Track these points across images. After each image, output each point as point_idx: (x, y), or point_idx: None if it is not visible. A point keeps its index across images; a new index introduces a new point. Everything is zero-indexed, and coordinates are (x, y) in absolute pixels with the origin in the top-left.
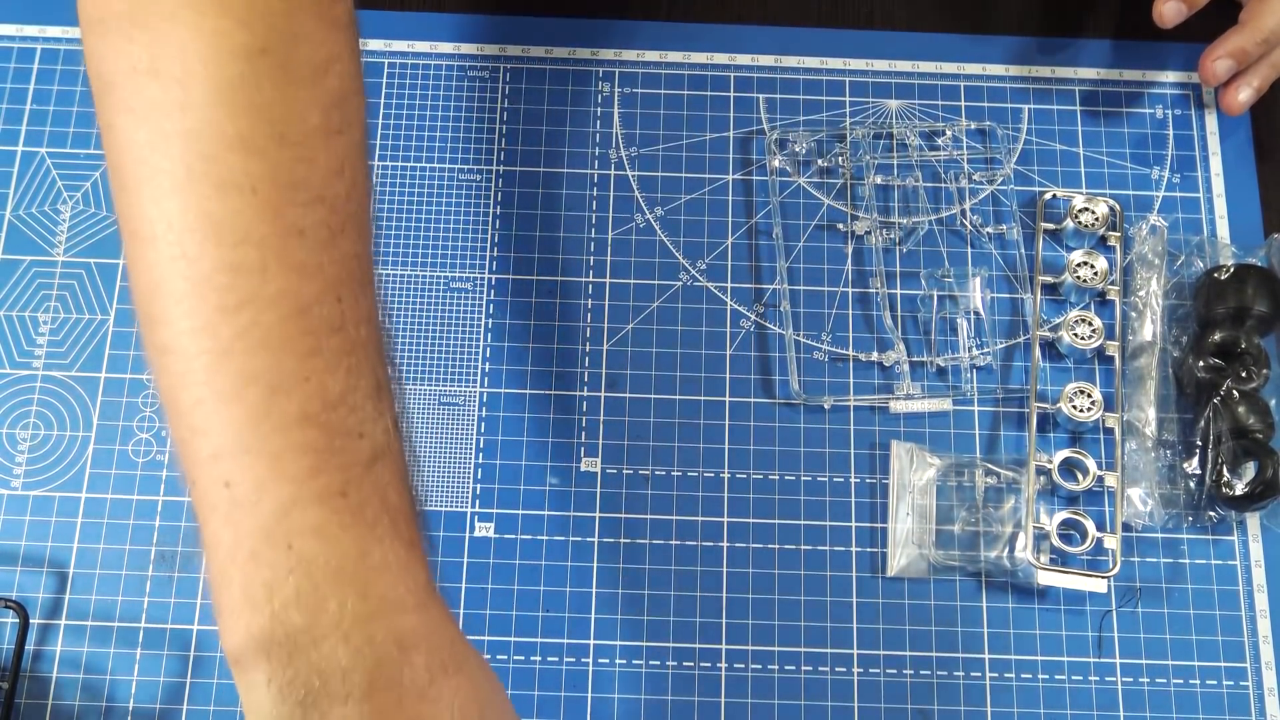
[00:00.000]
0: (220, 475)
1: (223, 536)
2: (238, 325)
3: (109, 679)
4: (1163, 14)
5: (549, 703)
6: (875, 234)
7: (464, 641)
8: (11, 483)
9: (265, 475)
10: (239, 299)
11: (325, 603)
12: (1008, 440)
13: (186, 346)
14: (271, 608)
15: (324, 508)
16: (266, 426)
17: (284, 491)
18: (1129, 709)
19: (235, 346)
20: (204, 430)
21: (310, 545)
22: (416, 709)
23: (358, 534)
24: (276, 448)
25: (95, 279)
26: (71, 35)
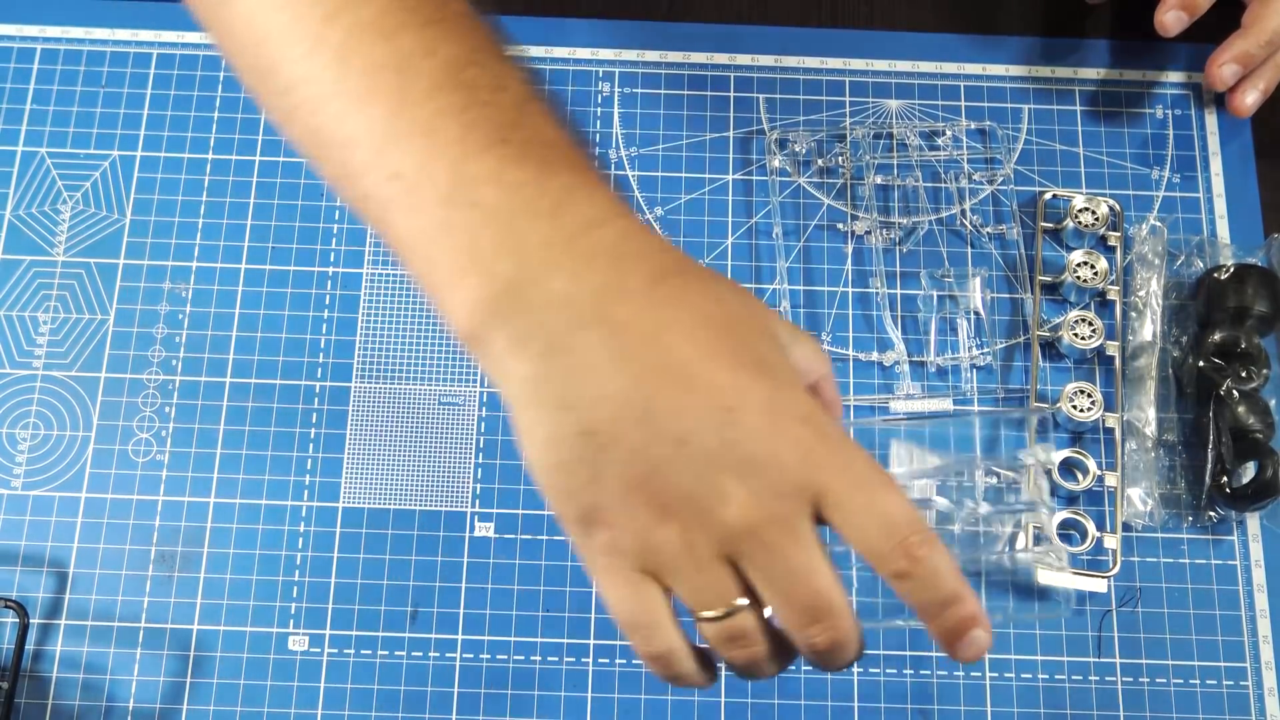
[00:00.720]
0: (386, 171)
1: (411, 225)
2: (344, 26)
3: (109, 679)
4: (1164, 22)
5: (549, 703)
6: (875, 234)
7: (675, 248)
8: (11, 483)
9: (426, 150)
10: (336, 3)
11: (525, 240)
12: (1008, 440)
13: (307, 71)
14: (480, 265)
15: (491, 157)
16: (409, 106)
17: (449, 155)
18: (1129, 709)
19: (349, 45)
20: (355, 138)
21: (491, 194)
22: (654, 314)
23: (531, 171)
24: (425, 122)
25: (95, 279)
26: (71, 35)
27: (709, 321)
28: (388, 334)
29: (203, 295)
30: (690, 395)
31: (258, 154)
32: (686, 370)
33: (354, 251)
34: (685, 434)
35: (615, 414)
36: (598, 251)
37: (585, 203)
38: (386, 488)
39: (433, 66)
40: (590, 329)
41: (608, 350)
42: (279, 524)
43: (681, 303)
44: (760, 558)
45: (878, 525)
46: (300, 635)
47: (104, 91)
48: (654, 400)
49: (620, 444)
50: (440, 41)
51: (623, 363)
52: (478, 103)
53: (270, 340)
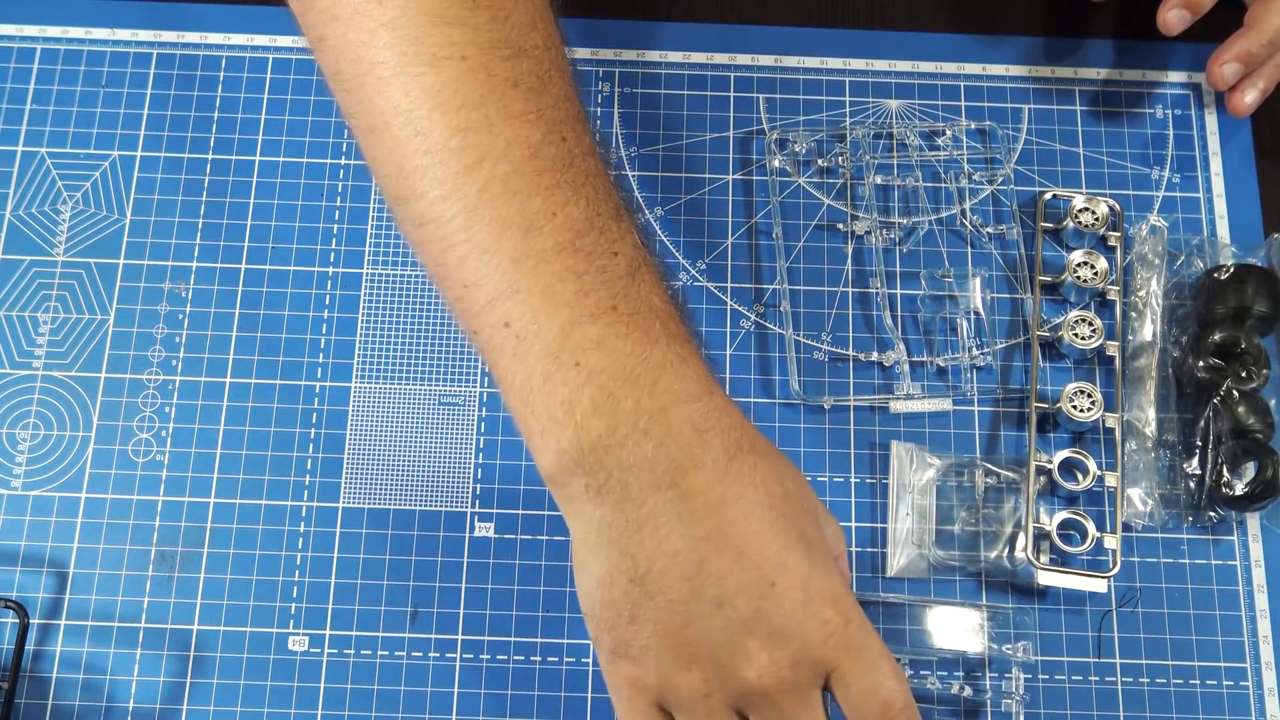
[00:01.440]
0: (499, 318)
1: (516, 371)
2: (480, 180)
3: (109, 679)
4: (1167, 21)
5: (549, 702)
6: (875, 234)
7: (750, 425)
8: (11, 483)
9: (539, 306)
10: (475, 157)
11: (620, 405)
12: (1008, 440)
13: (441, 213)
14: (574, 420)
15: (599, 323)
16: (529, 264)
17: (560, 316)
18: (1129, 709)
19: (482, 200)
20: (475, 282)
21: (595, 358)
22: (722, 486)
23: (635, 340)
24: (544, 280)
25: (95, 279)
26: (71, 35)
27: (769, 499)
28: (388, 334)
29: (203, 295)
30: (738, 564)
31: (258, 154)
32: (741, 542)
33: (354, 251)
34: (725, 597)
35: (666, 568)
36: (684, 424)
37: (680, 377)
38: (386, 488)
39: (555, 228)
40: (664, 491)
41: (676, 512)
42: (279, 524)
43: (749, 479)
44: (768, 714)
45: (877, 708)
46: (300, 635)
47: (104, 91)
48: (705, 563)
49: (665, 594)
50: (565, 204)
51: (685, 525)
52: (594, 269)
53: (270, 340)
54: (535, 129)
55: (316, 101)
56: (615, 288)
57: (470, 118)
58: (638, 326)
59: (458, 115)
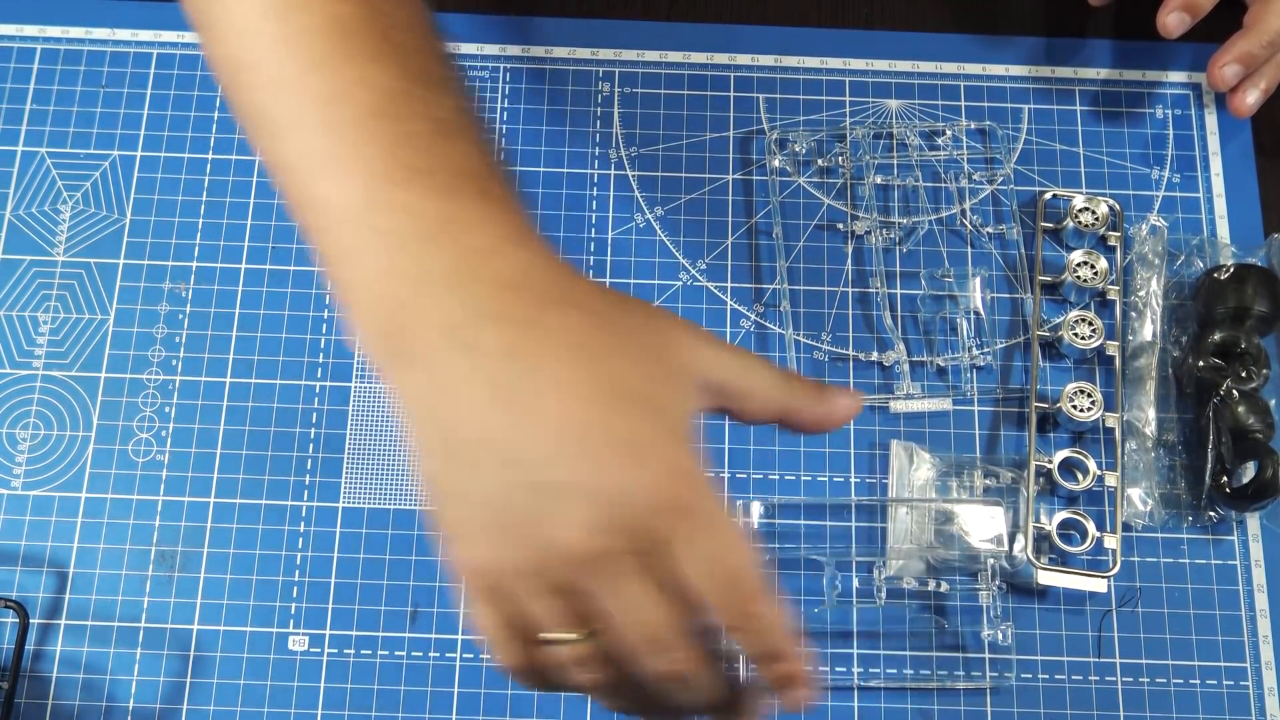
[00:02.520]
0: (311, 193)
1: (327, 244)
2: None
3: (109, 679)
4: (1166, 24)
5: (549, 702)
6: (875, 234)
7: (577, 278)
8: (11, 483)
9: (345, 176)
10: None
11: (422, 266)
12: (1008, 440)
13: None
14: (377, 285)
15: (404, 187)
16: (335, 133)
17: (364, 183)
18: (1129, 709)
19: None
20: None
21: (400, 221)
22: (528, 340)
23: (441, 200)
24: (349, 148)
25: (95, 279)
26: (71, 35)
27: (580, 351)
28: None
29: (203, 295)
30: (536, 421)
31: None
32: (538, 399)
33: None
34: (526, 460)
35: (468, 432)
36: (490, 279)
37: (489, 234)
38: (386, 488)
39: (364, 96)
40: (466, 350)
41: (477, 371)
42: (279, 524)
43: (561, 333)
44: (592, 588)
45: (719, 578)
46: (300, 635)
47: (104, 91)
48: (509, 424)
49: (471, 462)
50: (376, 73)
51: (486, 385)
52: (401, 133)
53: (270, 340)
54: (347, 4)
55: None
56: (424, 151)
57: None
58: (445, 187)
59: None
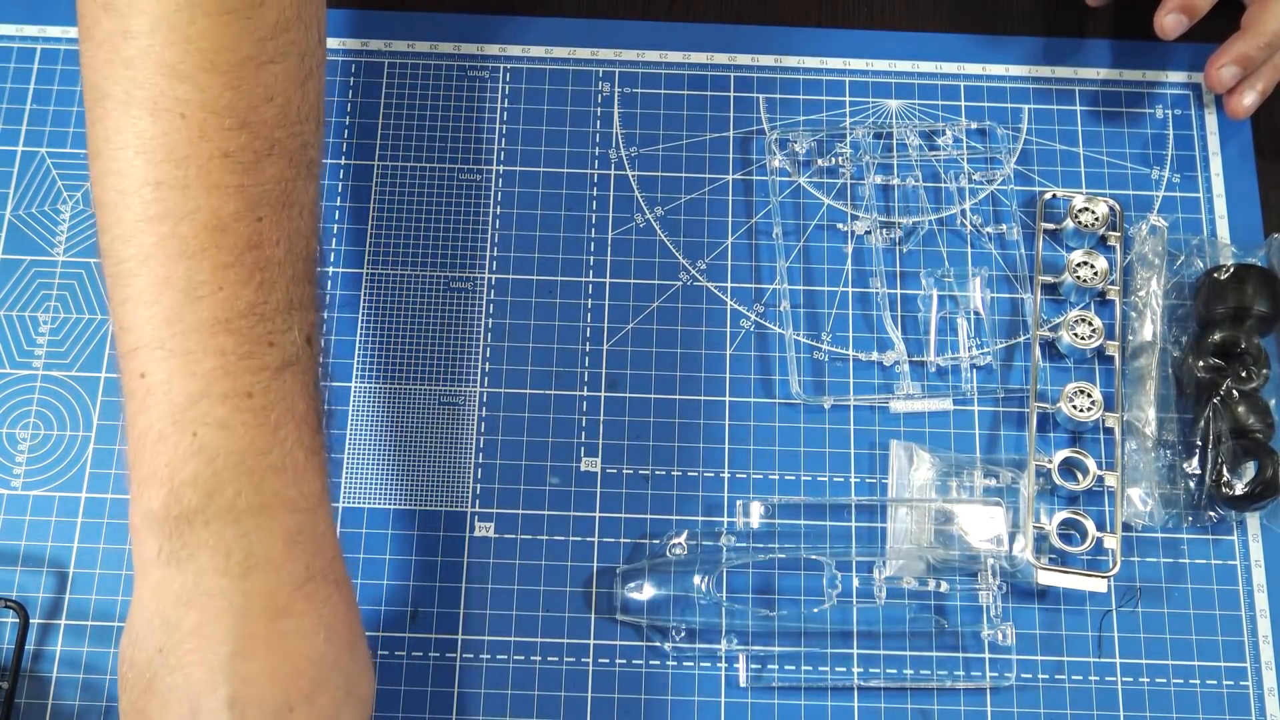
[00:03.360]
0: (138, 367)
1: (137, 421)
2: (158, 234)
3: (109, 679)
4: (1164, 25)
5: (549, 702)
6: (875, 234)
7: (341, 560)
8: (11, 483)
9: (176, 370)
10: (160, 211)
11: (222, 488)
12: (1008, 440)
13: (117, 252)
14: (170, 485)
15: (229, 405)
16: (180, 327)
17: (192, 385)
18: (1129, 709)
19: (155, 254)
20: (127, 327)
21: (214, 436)
22: (288, 600)
23: (260, 433)
24: (188, 347)
25: (95, 279)
26: (71, 35)
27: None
28: (388, 334)
29: None
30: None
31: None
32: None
33: (354, 251)
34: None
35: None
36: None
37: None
38: (386, 488)
39: (216, 302)
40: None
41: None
42: None
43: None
44: None
45: None
46: None
47: None
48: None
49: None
50: (235, 283)
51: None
52: (241, 352)
53: None
54: (231, 202)
55: None
56: (258, 377)
57: (169, 173)
58: (267, 422)
59: (158, 168)
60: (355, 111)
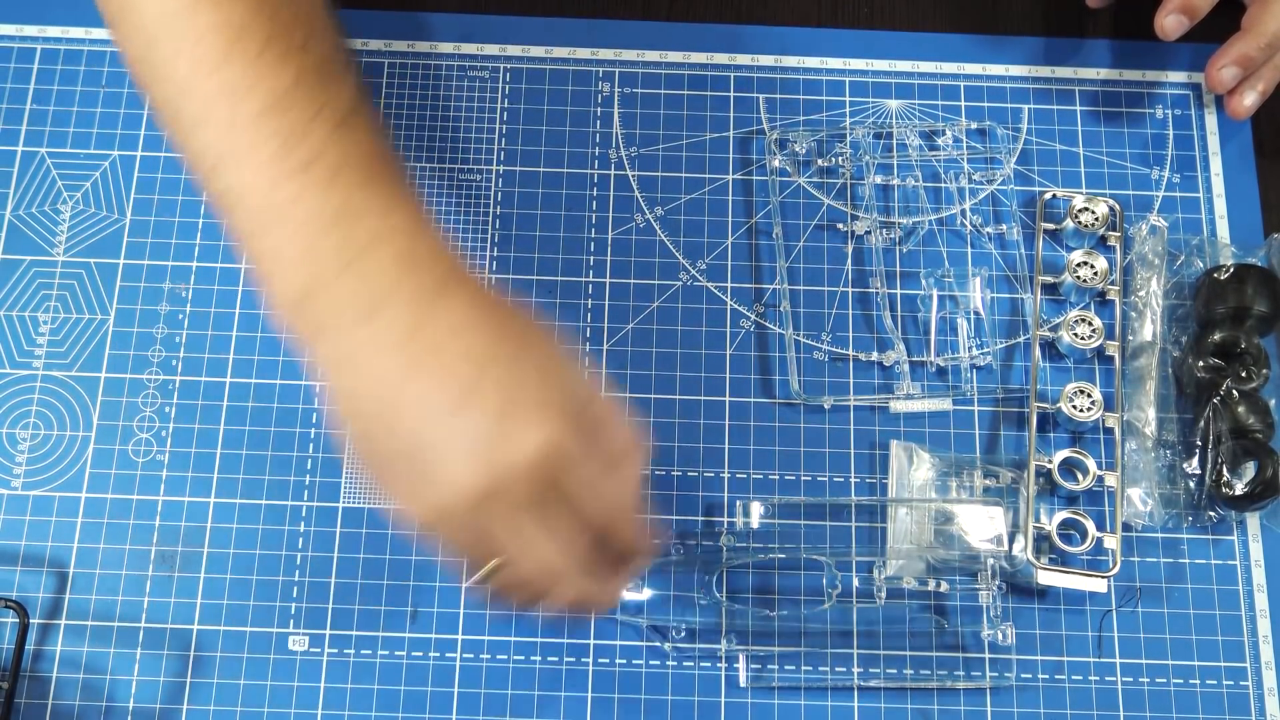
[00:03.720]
0: (219, 184)
1: (237, 231)
2: (192, 58)
3: (109, 679)
4: (1164, 26)
5: (549, 703)
6: (875, 234)
7: (463, 268)
8: (11, 483)
9: (245, 167)
10: (191, 35)
11: (321, 250)
12: (1008, 440)
13: (164, 96)
14: (283, 269)
15: (299, 178)
16: (236, 130)
17: (264, 175)
18: (1129, 709)
19: (195, 74)
20: (198, 153)
21: (295, 213)
22: (421, 313)
23: (336, 190)
24: (246, 143)
25: (95, 279)
26: (71, 35)
27: (468, 327)
28: None
29: (203, 295)
30: (433, 385)
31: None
32: (434, 365)
33: None
34: (423, 421)
35: (371, 404)
36: (387, 259)
37: (383, 218)
38: None
39: (259, 94)
40: (364, 325)
41: (374, 344)
42: (279, 524)
43: (454, 309)
44: (492, 528)
45: (606, 506)
46: (300, 635)
47: (104, 91)
48: (403, 389)
49: (374, 429)
50: (269, 72)
51: (384, 355)
52: (296, 128)
53: (270, 340)
54: (239, 6)
55: None
56: (317, 144)
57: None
58: (339, 177)
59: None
60: None
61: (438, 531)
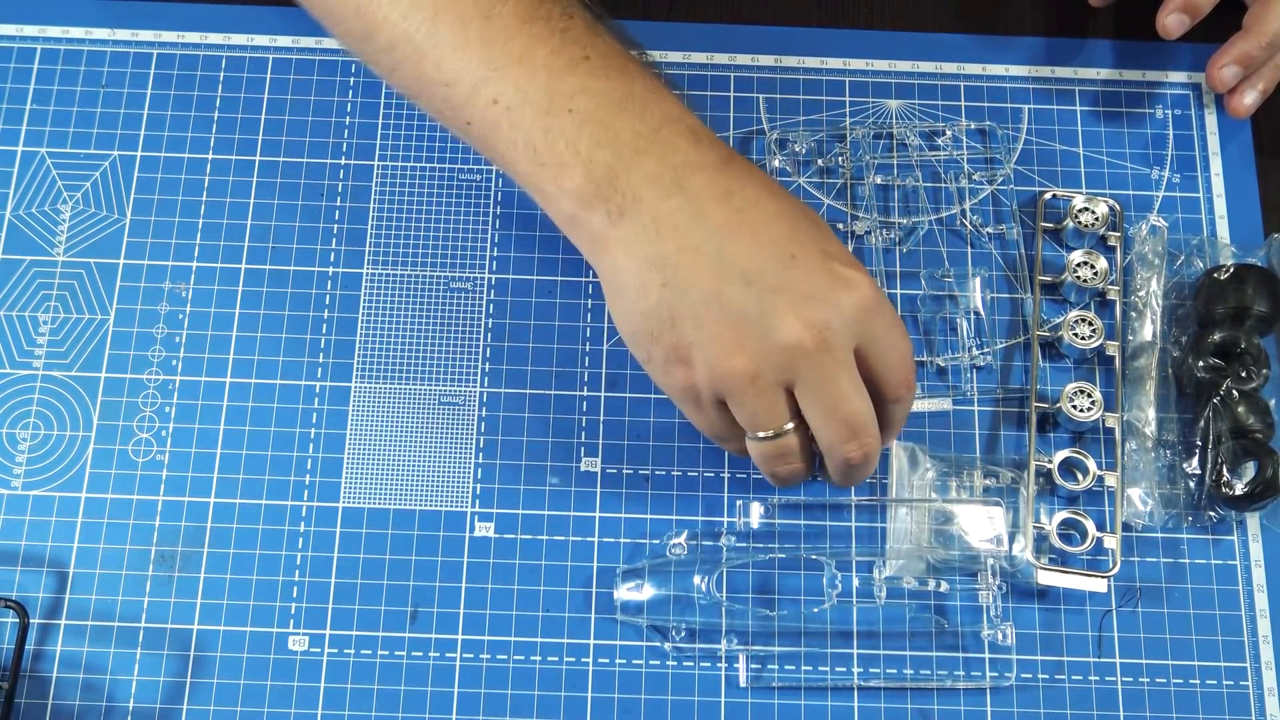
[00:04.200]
0: (487, 99)
1: (516, 139)
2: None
3: (109, 679)
4: (1166, 25)
5: (549, 703)
6: (875, 234)
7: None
8: (11, 483)
9: (520, 75)
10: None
11: (618, 134)
12: (1008, 440)
13: (406, 30)
14: (581, 158)
15: (579, 73)
16: (498, 44)
17: (541, 77)
18: (1129, 709)
19: (438, 5)
20: (456, 79)
21: (584, 101)
22: (725, 181)
23: (614, 79)
24: (515, 53)
25: (95, 279)
26: (71, 35)
27: (771, 189)
28: (388, 334)
29: (203, 295)
30: (755, 243)
31: (258, 154)
32: (754, 224)
33: (354, 251)
34: (752, 274)
35: (692, 262)
36: (679, 136)
37: (664, 101)
38: (386, 488)
39: (511, 10)
40: (674, 196)
41: (688, 212)
42: (279, 524)
43: (749, 174)
44: (811, 379)
45: (906, 365)
46: (300, 635)
47: (104, 91)
48: (725, 248)
49: (696, 286)
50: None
51: (700, 220)
52: (556, 31)
53: (270, 340)
54: None
55: (316, 101)
56: (583, 42)
57: None
58: (613, 68)
59: None
60: (355, 111)
61: (740, 395)
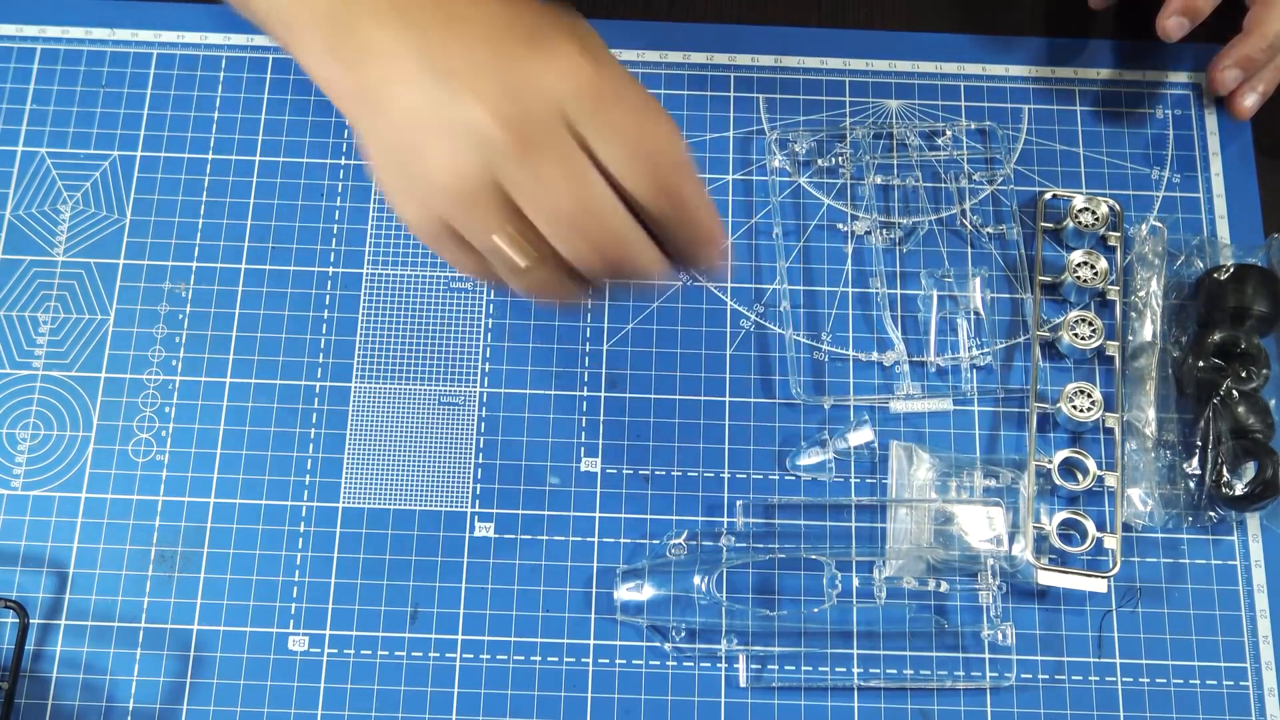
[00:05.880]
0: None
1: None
2: None
3: (109, 679)
4: (1166, 28)
5: (549, 703)
6: (875, 234)
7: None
8: (11, 483)
9: None
10: None
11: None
12: (1008, 440)
13: None
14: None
15: None
16: None
17: None
18: (1129, 709)
19: None
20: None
21: None
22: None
23: None
24: None
25: (95, 279)
26: (71, 35)
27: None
28: (388, 334)
29: (203, 295)
30: (457, 36)
31: (258, 154)
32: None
33: (354, 251)
34: (449, 71)
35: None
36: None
37: None
38: (386, 488)
39: None
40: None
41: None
42: (279, 524)
43: None
44: (515, 177)
45: (639, 152)
46: (300, 635)
47: (104, 91)
48: (426, 49)
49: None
50: None
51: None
52: None
53: (270, 340)
54: None
55: (316, 101)
56: None
57: None
58: None
59: None
60: None
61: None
